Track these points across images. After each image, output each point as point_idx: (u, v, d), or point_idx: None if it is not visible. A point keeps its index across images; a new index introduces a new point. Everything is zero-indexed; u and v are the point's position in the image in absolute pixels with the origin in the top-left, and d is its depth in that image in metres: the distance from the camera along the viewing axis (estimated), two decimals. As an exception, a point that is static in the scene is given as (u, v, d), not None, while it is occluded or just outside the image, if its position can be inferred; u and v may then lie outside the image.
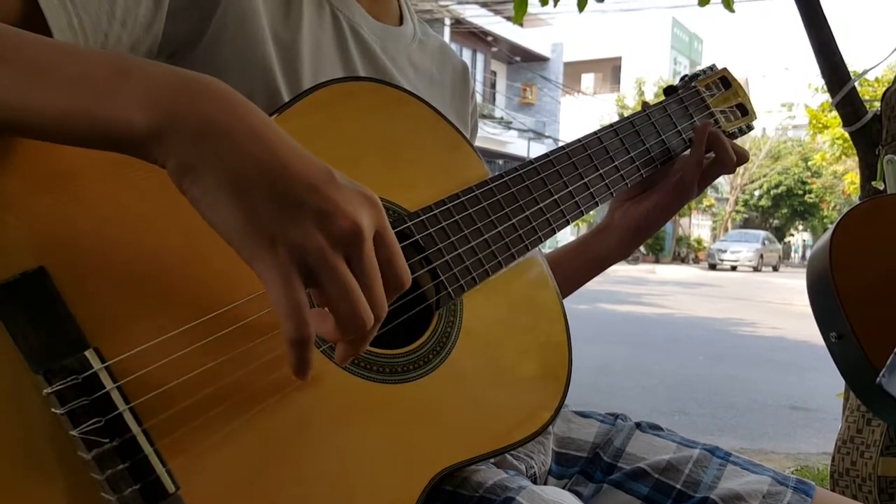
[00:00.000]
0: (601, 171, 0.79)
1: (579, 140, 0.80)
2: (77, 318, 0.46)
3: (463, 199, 0.68)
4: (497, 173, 0.72)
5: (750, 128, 0.97)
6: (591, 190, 0.78)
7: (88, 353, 0.45)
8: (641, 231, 0.90)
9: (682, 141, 0.89)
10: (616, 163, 0.81)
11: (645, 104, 0.89)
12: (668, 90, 0.94)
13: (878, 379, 0.77)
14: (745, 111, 0.96)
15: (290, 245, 0.43)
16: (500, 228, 0.70)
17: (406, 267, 0.48)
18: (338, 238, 0.44)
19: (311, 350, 0.45)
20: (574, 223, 0.80)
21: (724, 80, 0.97)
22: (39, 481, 0.44)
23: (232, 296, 0.52)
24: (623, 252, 0.90)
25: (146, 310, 0.49)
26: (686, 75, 0.97)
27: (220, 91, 0.45)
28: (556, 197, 0.75)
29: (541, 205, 0.73)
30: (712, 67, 0.99)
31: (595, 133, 0.81)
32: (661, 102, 0.90)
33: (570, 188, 0.76)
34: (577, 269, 0.91)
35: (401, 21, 0.83)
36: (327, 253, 0.43)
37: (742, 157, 0.88)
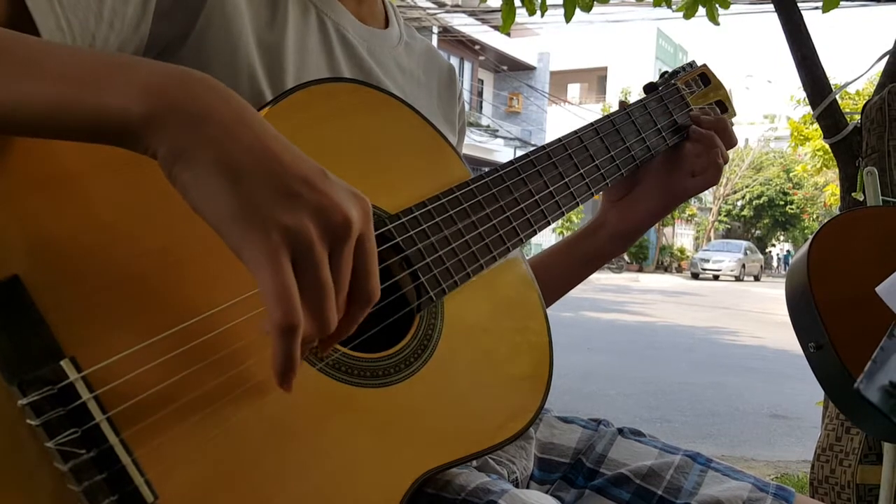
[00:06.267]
0: (582, 171, 0.79)
1: (560, 140, 0.79)
2: (52, 327, 0.45)
3: (443, 200, 0.68)
4: (477, 174, 0.72)
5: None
6: (572, 189, 0.78)
7: (64, 363, 0.44)
8: (636, 232, 0.90)
9: (661, 139, 0.88)
10: (597, 162, 0.81)
11: (622, 103, 0.88)
12: (649, 87, 0.93)
13: (855, 384, 0.78)
14: (724, 108, 0.96)
15: (283, 230, 0.42)
16: (481, 229, 0.69)
17: (377, 282, 0.48)
18: (330, 230, 0.44)
19: (297, 341, 0.43)
20: (555, 227, 0.80)
21: (703, 77, 0.96)
22: (15, 494, 0.43)
23: (209, 303, 0.51)
24: (613, 252, 0.90)
25: (123, 318, 0.49)
26: (666, 72, 0.96)
27: (213, 83, 0.45)
28: (536, 197, 0.74)
29: (522, 205, 0.73)
30: (692, 64, 0.98)
31: (575, 132, 0.81)
32: (641, 100, 0.89)
33: (551, 188, 0.76)
34: (565, 269, 0.91)
35: (386, 24, 0.83)
36: (316, 245, 0.43)
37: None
